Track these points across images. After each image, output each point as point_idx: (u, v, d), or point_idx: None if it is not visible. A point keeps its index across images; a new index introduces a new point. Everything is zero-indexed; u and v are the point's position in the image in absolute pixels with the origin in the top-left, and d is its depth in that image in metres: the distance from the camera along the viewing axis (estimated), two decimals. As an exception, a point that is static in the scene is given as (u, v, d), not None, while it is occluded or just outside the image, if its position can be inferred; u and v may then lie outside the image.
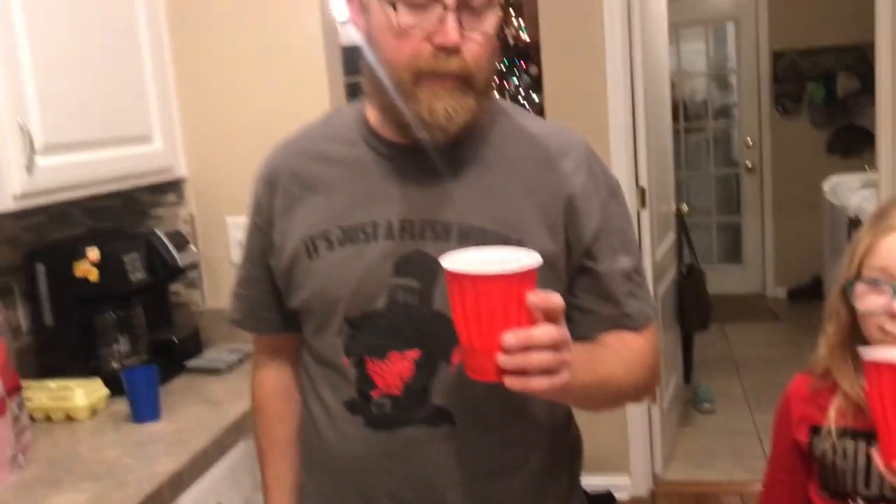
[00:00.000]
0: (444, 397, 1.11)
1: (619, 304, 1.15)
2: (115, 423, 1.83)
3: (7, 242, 2.05)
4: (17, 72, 1.67)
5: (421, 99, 1.04)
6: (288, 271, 1.18)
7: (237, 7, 2.19)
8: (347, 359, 1.14)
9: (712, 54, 6.38)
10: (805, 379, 1.28)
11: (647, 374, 1.17)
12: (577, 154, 1.16)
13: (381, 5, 1.05)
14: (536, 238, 1.09)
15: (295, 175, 1.19)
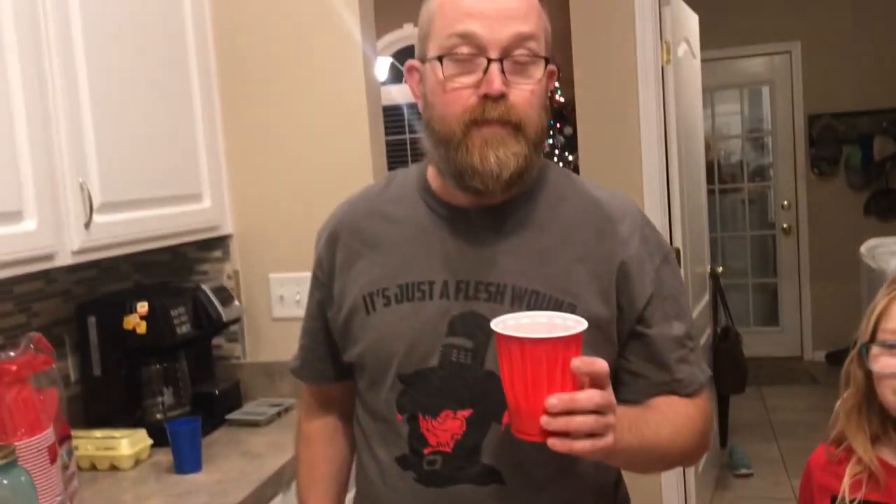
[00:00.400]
0: (494, 457, 1.12)
1: (669, 369, 1.17)
2: (158, 473, 1.88)
3: (60, 295, 2.13)
4: (80, 134, 1.76)
5: (472, 148, 1.09)
6: (345, 325, 1.22)
7: (284, 71, 2.29)
8: (401, 415, 1.17)
9: (747, 116, 6.43)
10: (825, 448, 1.30)
11: (696, 439, 1.17)
12: (630, 221, 1.19)
13: (432, 66, 1.11)
14: (589, 302, 1.12)
15: (356, 232, 1.24)
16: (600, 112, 3.22)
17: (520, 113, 1.09)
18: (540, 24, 1.12)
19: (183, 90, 2.16)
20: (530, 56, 1.09)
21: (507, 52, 1.08)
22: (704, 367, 1.22)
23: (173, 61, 2.13)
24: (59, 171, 1.71)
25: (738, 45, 5.98)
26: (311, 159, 2.29)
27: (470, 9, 1.08)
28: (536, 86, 1.10)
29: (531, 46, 1.09)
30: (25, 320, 2.01)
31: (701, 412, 1.19)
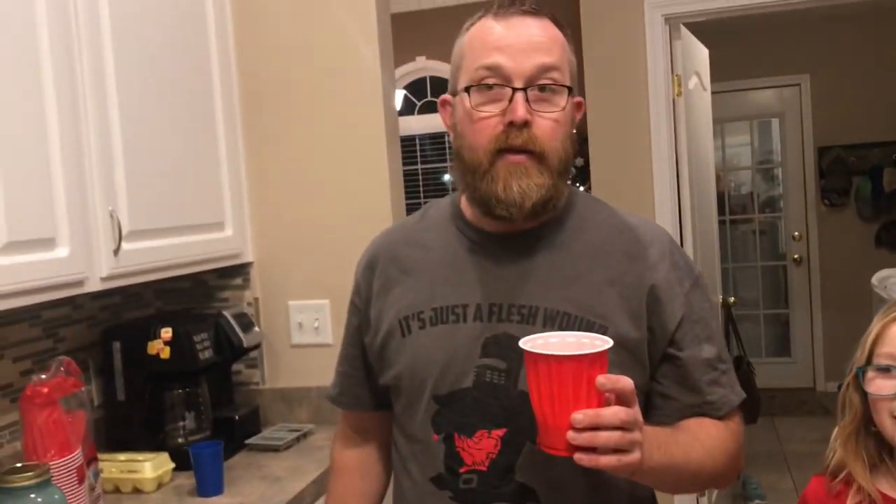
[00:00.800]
0: (528, 475, 1.15)
1: (701, 392, 1.18)
2: (180, 496, 1.91)
3: (86, 321, 2.18)
4: (110, 165, 1.82)
5: (497, 178, 1.13)
6: (381, 348, 1.26)
7: (305, 104, 2.35)
8: (436, 435, 1.19)
9: (757, 148, 6.48)
10: (820, 480, 1.30)
11: (726, 460, 1.19)
12: (660, 246, 1.22)
13: (461, 98, 1.17)
14: (619, 324, 1.15)
15: (393, 259, 1.28)
16: (612, 144, 3.28)
17: (543, 143, 1.13)
18: (564, 56, 1.17)
19: (207, 123, 2.23)
20: (553, 85, 1.14)
21: (531, 82, 1.13)
22: (738, 388, 1.23)
23: (199, 95, 2.19)
24: (91, 200, 1.77)
25: (749, 78, 6.04)
26: (330, 190, 2.35)
27: (497, 42, 1.14)
28: (560, 114, 1.15)
29: (554, 76, 1.14)
30: (52, 345, 2.06)
31: (732, 434, 1.20)
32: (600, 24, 3.25)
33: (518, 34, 1.14)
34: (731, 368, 1.23)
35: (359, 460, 1.41)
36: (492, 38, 1.15)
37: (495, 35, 1.15)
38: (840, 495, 1.26)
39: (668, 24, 3.17)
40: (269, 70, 2.36)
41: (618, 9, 3.21)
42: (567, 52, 1.19)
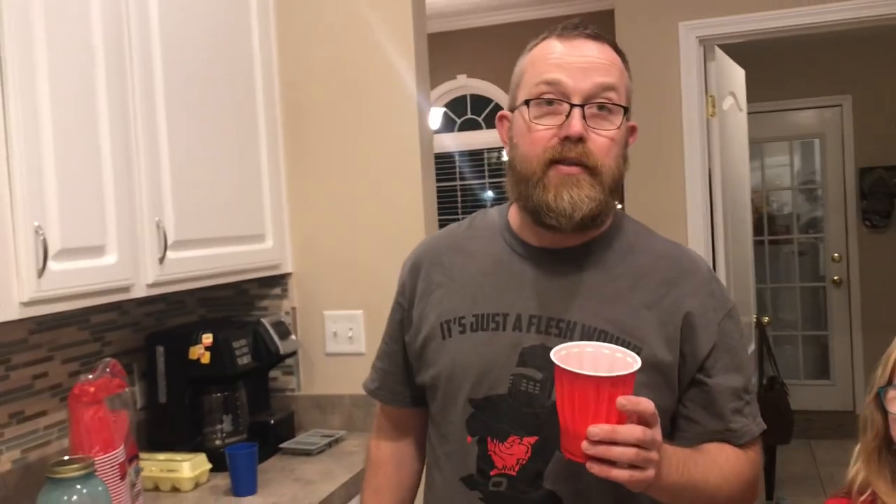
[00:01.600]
0: (556, 483, 1.18)
1: (724, 419, 1.21)
2: (216, 495, 1.99)
3: (131, 326, 2.29)
4: (158, 177, 1.92)
5: (549, 186, 1.17)
6: (422, 348, 1.31)
7: (344, 121, 2.44)
8: (471, 437, 1.23)
9: (798, 169, 6.45)
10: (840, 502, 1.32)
11: (743, 487, 1.22)
12: (699, 275, 1.25)
13: (520, 111, 1.22)
14: (653, 346, 1.18)
15: (437, 263, 1.33)
16: (646, 164, 3.31)
17: (596, 158, 1.17)
18: (622, 78, 1.22)
19: (250, 139, 2.33)
20: (610, 104, 1.19)
21: (589, 100, 1.17)
22: (759, 420, 1.26)
23: (243, 111, 2.29)
24: (139, 210, 1.87)
25: (790, 99, 6.03)
26: (366, 205, 2.43)
27: (558, 61, 1.19)
28: (615, 133, 1.18)
29: (611, 96, 1.19)
30: (99, 348, 2.16)
31: (751, 463, 1.24)
32: (635, 46, 3.30)
33: (580, 54, 1.19)
34: (754, 400, 1.26)
35: (394, 453, 1.45)
36: (553, 57, 1.20)
37: (557, 53, 1.20)
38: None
39: (702, 46, 3.21)
40: (309, 87, 2.46)
41: (652, 30, 3.26)
42: (625, 76, 1.23)
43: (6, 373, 1.88)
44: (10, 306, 1.53)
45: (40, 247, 1.56)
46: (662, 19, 3.24)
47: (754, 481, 1.25)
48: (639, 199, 3.34)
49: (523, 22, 5.08)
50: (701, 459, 1.16)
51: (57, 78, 1.63)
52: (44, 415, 1.97)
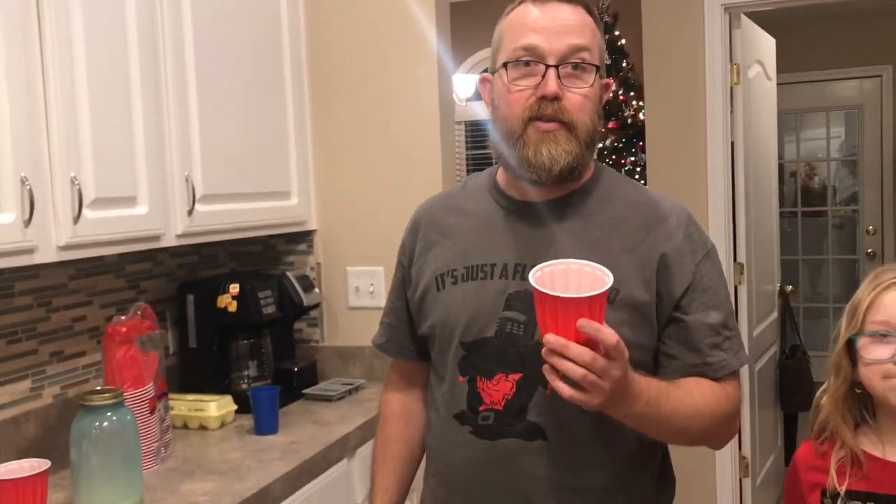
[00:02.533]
0: (538, 416, 1.27)
1: (701, 353, 1.28)
2: (240, 433, 2.13)
3: (165, 276, 2.43)
4: (187, 133, 2.04)
5: (528, 143, 1.26)
6: (420, 301, 1.41)
7: (368, 84, 2.54)
8: (462, 377, 1.33)
9: (837, 140, 6.39)
10: (809, 446, 1.40)
11: (718, 420, 1.28)
12: (676, 219, 1.33)
13: (499, 74, 1.31)
14: (631, 288, 1.26)
15: (433, 223, 1.44)
16: (668, 130, 3.36)
17: (572, 114, 1.26)
18: (594, 39, 1.30)
19: (278, 99, 2.44)
20: (584, 63, 1.27)
21: (563, 60, 1.25)
22: (741, 355, 1.32)
23: (271, 73, 2.40)
24: (169, 164, 1.99)
25: (829, 69, 5.97)
26: (388, 165, 2.53)
27: (533, 25, 1.28)
28: (589, 90, 1.27)
29: (584, 56, 1.27)
30: (134, 296, 2.30)
31: (727, 397, 1.29)
32: (660, 13, 3.33)
33: (553, 17, 1.28)
34: (736, 336, 1.33)
35: (402, 405, 1.54)
36: (529, 21, 1.29)
37: (532, 18, 1.29)
38: (825, 455, 1.36)
39: (727, 14, 3.22)
40: (335, 50, 2.56)
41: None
42: (597, 36, 1.32)
43: (48, 314, 2.03)
44: (48, 250, 1.67)
45: (76, 195, 1.69)
46: (688, -13, 3.27)
47: (732, 415, 1.31)
48: (661, 164, 3.38)
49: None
50: (674, 393, 1.23)
51: (91, 35, 1.75)
52: (82, 355, 2.12)
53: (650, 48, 3.38)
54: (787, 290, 4.09)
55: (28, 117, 1.61)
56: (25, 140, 1.60)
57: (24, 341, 1.96)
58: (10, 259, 1.59)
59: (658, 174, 3.40)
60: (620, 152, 4.82)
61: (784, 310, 4.09)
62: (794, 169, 6.40)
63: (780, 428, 4.09)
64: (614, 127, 4.75)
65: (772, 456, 3.90)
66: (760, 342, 3.68)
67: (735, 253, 3.37)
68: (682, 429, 1.25)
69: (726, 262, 3.29)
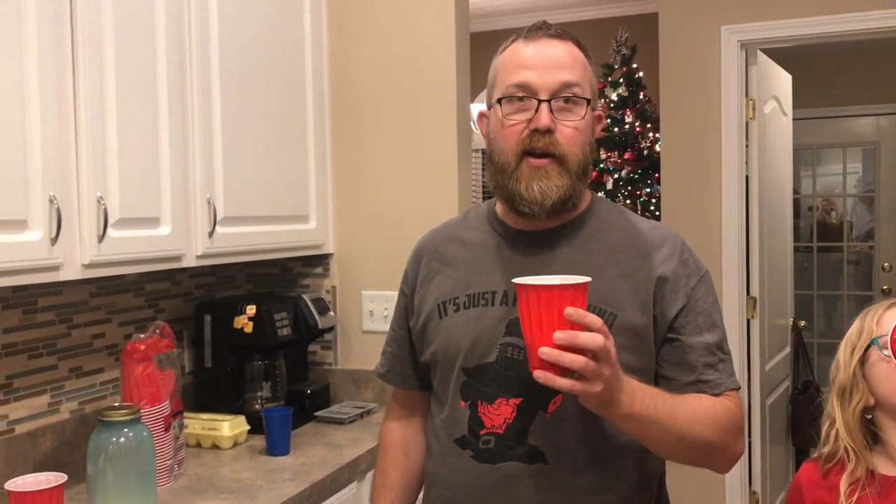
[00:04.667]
0: (539, 439, 1.29)
1: (696, 371, 1.30)
2: (252, 454, 2.16)
3: (183, 296, 2.47)
4: (210, 157, 2.09)
5: (521, 178, 1.30)
6: (422, 329, 1.44)
7: (388, 113, 2.58)
8: (463, 402, 1.36)
9: (853, 176, 6.39)
10: (813, 465, 1.43)
11: (719, 433, 1.28)
12: (671, 245, 1.36)
13: (494, 109, 1.36)
14: (628, 312, 1.29)
15: (435, 253, 1.48)
16: (684, 164, 3.39)
17: (563, 147, 1.30)
18: (584, 74, 1.34)
19: (299, 125, 2.49)
20: (574, 97, 1.32)
21: (555, 95, 1.30)
22: (735, 380, 1.34)
23: (293, 99, 2.45)
24: (192, 187, 2.04)
25: (845, 105, 5.99)
26: (405, 192, 2.57)
27: (525, 62, 1.33)
28: (580, 123, 1.32)
29: (575, 90, 1.32)
30: (153, 314, 2.34)
31: (727, 410, 1.30)
32: (677, 47, 3.38)
33: (544, 54, 1.32)
34: (730, 360, 1.35)
35: (402, 436, 1.57)
36: (521, 59, 1.34)
37: (524, 55, 1.34)
38: (829, 474, 1.38)
39: (744, 50, 3.27)
40: (356, 79, 2.61)
41: (695, 33, 3.33)
42: (588, 71, 1.36)
43: (68, 330, 2.07)
44: (73, 267, 1.71)
45: (101, 215, 1.73)
46: (705, 23, 3.31)
47: (734, 429, 1.31)
48: (676, 198, 3.41)
49: (572, 23, 5.17)
50: (671, 398, 1.23)
51: (122, 60, 1.80)
52: (100, 371, 2.16)
53: (667, 81, 3.42)
54: (800, 325, 4.08)
55: (58, 138, 1.66)
56: (55, 160, 1.65)
57: (44, 356, 2.00)
58: (36, 276, 1.63)
59: (672, 206, 3.42)
60: (636, 183, 4.84)
61: (797, 345, 4.09)
62: (812, 204, 6.40)
63: (791, 463, 4.07)
64: (630, 158, 4.79)
65: (783, 492, 3.88)
66: (772, 377, 3.68)
67: (748, 286, 3.38)
68: (681, 435, 1.23)
69: (738, 296, 3.31)
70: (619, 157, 4.75)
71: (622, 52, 4.75)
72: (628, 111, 4.74)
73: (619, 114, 4.77)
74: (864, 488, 1.35)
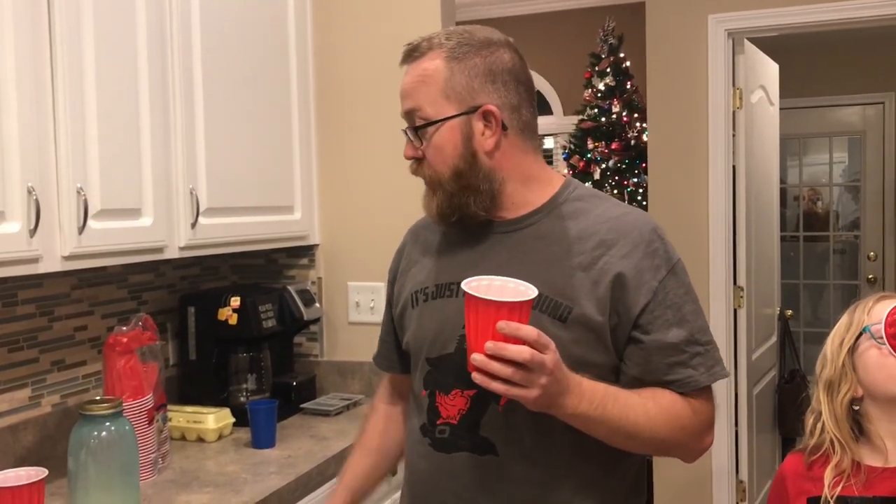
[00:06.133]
0: (490, 431, 1.31)
1: (659, 373, 1.28)
2: (237, 446, 2.14)
3: (167, 287, 2.44)
4: (193, 147, 2.06)
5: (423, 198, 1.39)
6: (399, 317, 1.47)
7: (374, 102, 2.56)
8: (425, 391, 1.39)
9: (839, 165, 6.42)
10: (797, 456, 1.43)
11: (677, 432, 1.29)
12: (637, 235, 1.31)
13: None
14: (584, 306, 1.27)
15: (416, 242, 1.50)
16: (671, 153, 3.38)
17: (429, 171, 1.35)
18: (428, 91, 1.33)
19: (284, 114, 2.46)
20: (420, 125, 1.33)
21: (411, 124, 1.35)
22: (716, 370, 1.31)
23: (277, 89, 2.43)
24: (174, 177, 2.01)
25: (832, 95, 6.00)
26: (391, 183, 2.55)
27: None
28: (437, 142, 1.33)
29: (419, 115, 1.34)
30: (136, 307, 2.31)
31: (691, 410, 1.29)
32: (664, 36, 3.36)
33: (402, 83, 1.37)
34: (709, 351, 1.31)
35: (386, 414, 1.61)
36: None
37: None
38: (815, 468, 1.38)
39: (731, 39, 3.26)
40: (341, 67, 2.58)
41: (682, 22, 3.32)
42: (435, 83, 1.33)
43: (49, 323, 2.04)
44: (52, 259, 1.69)
45: (81, 206, 1.71)
46: (692, 12, 3.29)
47: (697, 428, 1.31)
48: (663, 187, 3.40)
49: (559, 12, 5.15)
50: (624, 398, 1.24)
51: (101, 48, 1.78)
52: (83, 364, 2.14)
53: (654, 71, 3.41)
54: (786, 315, 4.09)
55: (36, 128, 1.63)
56: (33, 150, 1.62)
57: (25, 350, 1.98)
58: (14, 268, 1.61)
59: (659, 196, 3.41)
60: (623, 173, 4.83)
61: (783, 334, 4.10)
62: (798, 193, 6.42)
63: (778, 452, 4.08)
64: (617, 148, 4.77)
65: (769, 481, 3.88)
66: (759, 366, 3.69)
67: (735, 276, 3.38)
68: (633, 434, 1.25)
69: (725, 285, 3.31)
70: (606, 146, 4.73)
71: (609, 41, 4.73)
72: (615, 101, 4.72)
73: (607, 103, 4.75)
74: (849, 479, 1.34)
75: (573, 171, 4.81)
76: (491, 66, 1.33)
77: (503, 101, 1.33)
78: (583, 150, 4.81)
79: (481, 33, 1.36)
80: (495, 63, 1.33)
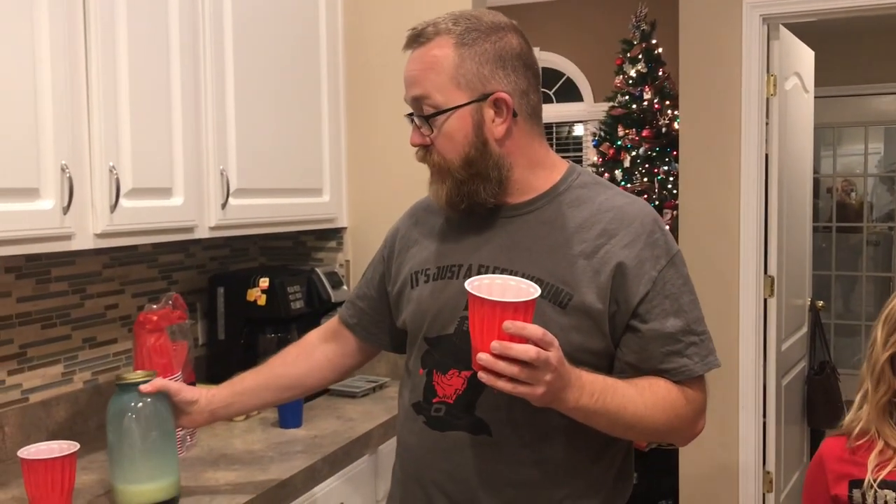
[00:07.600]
0: (486, 412, 1.32)
1: (655, 361, 1.30)
2: (265, 426, 2.16)
3: (197, 268, 2.46)
4: (224, 129, 2.08)
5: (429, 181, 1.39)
6: (398, 296, 1.48)
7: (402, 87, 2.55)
8: (422, 370, 1.40)
9: (874, 156, 6.31)
10: (838, 441, 1.46)
11: (672, 419, 1.31)
12: (639, 224, 1.32)
13: None
14: (584, 294, 1.28)
15: (416, 224, 1.51)
16: (703, 140, 3.34)
17: (437, 158, 1.34)
18: (436, 78, 1.31)
19: (314, 97, 2.47)
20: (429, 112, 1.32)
21: (418, 112, 1.34)
22: (710, 360, 1.33)
23: (308, 72, 2.43)
24: (205, 158, 2.03)
25: (869, 83, 5.89)
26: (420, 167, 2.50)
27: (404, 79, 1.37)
28: (446, 129, 1.32)
29: (428, 103, 1.32)
30: (166, 286, 2.34)
31: (686, 399, 1.31)
32: (698, 22, 3.32)
33: (406, 69, 1.36)
34: (703, 341, 1.32)
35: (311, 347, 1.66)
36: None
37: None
38: (859, 452, 1.42)
39: (765, 24, 3.20)
40: (372, 49, 2.58)
41: (716, 7, 3.27)
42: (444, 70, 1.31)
43: (81, 301, 2.07)
44: (85, 237, 1.71)
45: (113, 185, 1.73)
46: (727, -3, 3.25)
47: (691, 416, 1.33)
48: (694, 176, 3.36)
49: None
50: (622, 390, 1.25)
51: (134, 29, 1.79)
52: (114, 342, 2.16)
53: (687, 57, 3.37)
54: (818, 305, 4.04)
55: (70, 107, 1.65)
56: (67, 129, 1.64)
57: (58, 326, 2.01)
58: (47, 245, 1.63)
59: (690, 184, 3.38)
60: (654, 161, 4.78)
61: (814, 325, 4.04)
62: (831, 184, 6.33)
63: (806, 444, 4.04)
64: (648, 135, 4.72)
65: (797, 472, 3.86)
66: (789, 357, 3.65)
67: (766, 265, 3.34)
68: (631, 425, 1.27)
69: (756, 275, 3.27)
70: (636, 134, 4.69)
71: (641, 27, 4.68)
72: (647, 88, 4.67)
73: (638, 90, 4.70)
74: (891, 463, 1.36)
75: (603, 158, 4.77)
76: (500, 51, 1.32)
77: (513, 87, 1.33)
78: (613, 138, 4.77)
79: (488, 17, 1.35)
80: (504, 48, 1.32)
